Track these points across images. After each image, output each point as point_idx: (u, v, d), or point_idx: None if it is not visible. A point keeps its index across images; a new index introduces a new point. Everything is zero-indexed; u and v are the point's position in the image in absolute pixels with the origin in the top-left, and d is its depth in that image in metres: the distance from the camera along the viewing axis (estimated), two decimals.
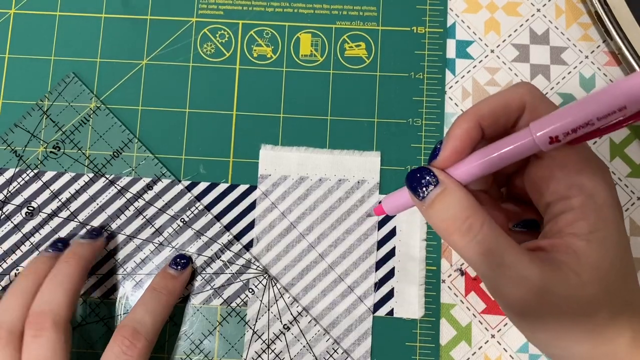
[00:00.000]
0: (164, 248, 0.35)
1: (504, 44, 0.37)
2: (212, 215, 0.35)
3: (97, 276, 0.34)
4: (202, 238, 0.34)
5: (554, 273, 0.23)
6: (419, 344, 0.34)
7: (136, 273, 0.34)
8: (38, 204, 0.35)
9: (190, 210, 0.35)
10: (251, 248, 0.35)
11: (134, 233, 0.35)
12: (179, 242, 0.35)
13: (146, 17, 0.38)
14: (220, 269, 0.34)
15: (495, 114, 0.25)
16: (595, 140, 0.36)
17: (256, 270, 0.34)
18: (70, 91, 0.36)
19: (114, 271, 0.34)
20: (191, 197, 0.35)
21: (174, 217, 0.35)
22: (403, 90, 0.36)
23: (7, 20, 0.38)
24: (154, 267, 0.34)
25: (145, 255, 0.34)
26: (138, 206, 0.35)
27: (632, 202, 0.35)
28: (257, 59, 0.37)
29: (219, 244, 0.34)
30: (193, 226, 0.35)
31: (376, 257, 0.35)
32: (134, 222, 0.35)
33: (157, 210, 0.35)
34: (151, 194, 0.35)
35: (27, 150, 0.36)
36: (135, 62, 0.37)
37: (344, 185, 0.35)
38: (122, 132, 0.36)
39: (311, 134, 0.36)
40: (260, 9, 0.38)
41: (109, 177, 0.35)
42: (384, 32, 0.37)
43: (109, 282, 0.34)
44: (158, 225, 0.35)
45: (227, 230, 0.35)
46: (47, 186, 0.35)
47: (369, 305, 0.34)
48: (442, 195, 0.24)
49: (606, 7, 0.35)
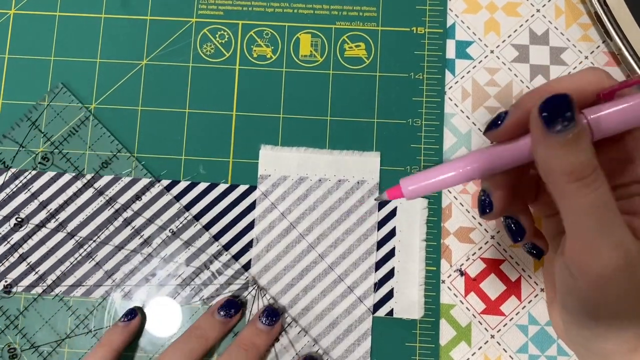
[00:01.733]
0: (152, 258, 0.34)
1: (503, 45, 0.37)
2: (201, 224, 0.35)
3: (85, 287, 0.34)
4: (190, 248, 0.34)
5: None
6: (418, 345, 0.34)
7: (125, 284, 0.34)
8: (26, 214, 0.35)
9: (179, 221, 0.35)
10: (242, 256, 0.35)
11: (122, 243, 0.35)
12: (167, 252, 0.34)
13: (146, 17, 0.38)
14: (209, 279, 0.34)
15: (569, 89, 0.23)
16: None
17: (245, 280, 0.34)
18: (60, 102, 0.36)
19: (101, 282, 0.34)
20: (180, 206, 0.35)
21: (162, 227, 0.34)
22: (403, 91, 0.36)
23: (7, 21, 0.38)
24: (141, 277, 0.34)
25: (134, 266, 0.34)
26: (126, 216, 0.35)
27: None
28: (257, 60, 0.37)
29: (207, 254, 0.34)
30: (181, 236, 0.34)
31: (376, 258, 0.35)
32: (122, 232, 0.35)
33: (146, 220, 0.35)
34: (139, 204, 0.35)
35: (16, 160, 0.36)
36: (135, 62, 0.37)
37: (344, 185, 0.35)
38: (111, 143, 0.36)
39: (311, 134, 0.36)
40: (260, 10, 0.38)
41: (98, 187, 0.35)
42: (384, 33, 0.37)
43: (96, 292, 0.34)
44: (147, 235, 0.35)
45: (227, 230, 0.35)
46: (36, 196, 0.35)
47: (368, 305, 0.34)
48: (579, 137, 0.21)
49: (606, 8, 0.35)
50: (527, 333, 0.34)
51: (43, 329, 0.34)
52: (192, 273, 0.34)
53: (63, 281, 0.34)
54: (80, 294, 0.34)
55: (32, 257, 0.35)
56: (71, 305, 0.34)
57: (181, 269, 0.34)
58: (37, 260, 0.35)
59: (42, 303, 0.34)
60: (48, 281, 0.34)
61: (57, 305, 0.34)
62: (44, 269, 0.34)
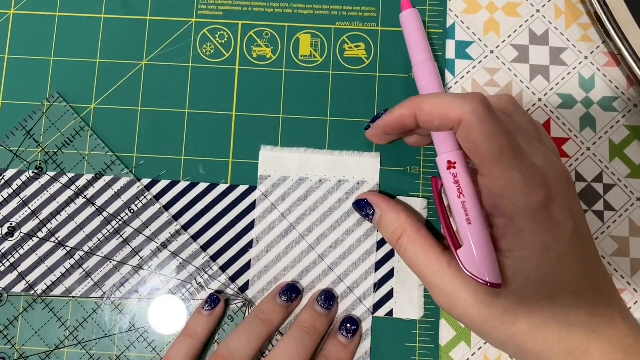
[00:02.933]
0: (140, 270, 0.34)
1: (503, 45, 0.37)
2: (190, 234, 0.35)
3: (76, 300, 0.34)
4: (177, 259, 0.34)
5: (465, 280, 0.28)
6: (418, 345, 0.34)
7: (115, 296, 0.34)
8: (17, 222, 0.35)
9: (167, 231, 0.35)
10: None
11: (111, 254, 0.34)
12: (153, 263, 0.34)
13: (146, 17, 0.38)
14: (198, 291, 0.34)
15: (431, 115, 0.27)
16: (594, 141, 0.36)
17: (234, 294, 0.34)
18: (55, 111, 0.36)
19: (90, 293, 0.34)
20: (169, 216, 0.35)
21: (150, 238, 0.34)
22: (403, 91, 0.36)
23: (7, 21, 0.38)
24: (130, 288, 0.34)
25: (122, 276, 0.34)
26: (116, 226, 0.35)
27: (632, 203, 0.35)
28: (256, 60, 0.37)
29: (194, 266, 0.34)
30: (169, 247, 0.34)
31: (376, 258, 0.35)
32: (111, 241, 0.35)
33: (134, 230, 0.34)
34: (129, 213, 0.35)
35: (9, 169, 0.35)
36: (135, 62, 0.37)
37: (344, 186, 0.35)
38: (105, 154, 0.35)
39: (311, 134, 0.36)
40: (259, 10, 0.38)
41: (88, 196, 0.35)
42: (384, 33, 0.37)
43: (87, 306, 0.34)
44: (134, 245, 0.34)
45: (227, 231, 0.35)
46: (26, 204, 0.35)
47: (368, 305, 0.34)
48: (381, 220, 0.32)
49: (605, 8, 0.35)
50: None
51: (33, 339, 0.34)
52: (180, 285, 0.34)
53: (52, 291, 0.34)
54: (68, 304, 0.34)
55: (22, 266, 0.34)
56: (61, 317, 0.34)
57: (170, 282, 0.34)
58: (27, 269, 0.34)
59: (32, 313, 0.34)
60: (38, 291, 0.34)
61: (47, 316, 0.34)
62: (34, 277, 0.34)
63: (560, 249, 0.26)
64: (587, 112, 0.36)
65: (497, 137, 0.25)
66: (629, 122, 0.36)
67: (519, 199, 0.26)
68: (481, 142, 0.25)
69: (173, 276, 0.34)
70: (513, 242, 0.26)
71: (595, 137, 0.36)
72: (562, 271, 0.26)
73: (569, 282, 0.26)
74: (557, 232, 0.26)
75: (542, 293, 0.26)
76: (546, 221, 0.26)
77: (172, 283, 0.34)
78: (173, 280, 0.34)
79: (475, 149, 0.26)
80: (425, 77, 0.31)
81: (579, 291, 0.26)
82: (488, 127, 0.25)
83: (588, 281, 0.27)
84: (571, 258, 0.26)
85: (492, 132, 0.25)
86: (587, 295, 0.26)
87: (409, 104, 0.28)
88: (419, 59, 0.32)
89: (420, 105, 0.28)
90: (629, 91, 0.36)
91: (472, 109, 0.25)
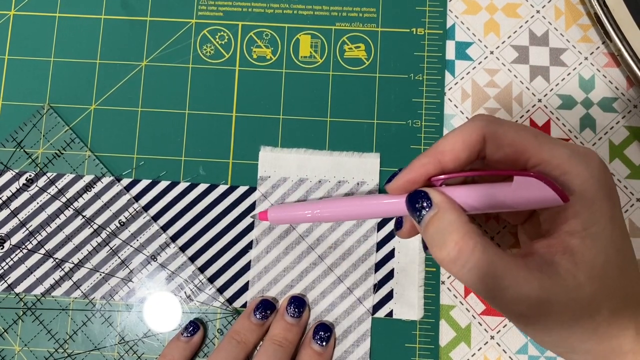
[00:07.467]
0: (129, 281, 0.34)
1: (503, 46, 0.37)
2: (177, 246, 0.35)
3: (65, 312, 0.34)
4: (165, 270, 0.34)
5: (552, 280, 0.23)
6: (418, 346, 0.34)
7: (104, 309, 0.34)
8: (5, 232, 0.35)
9: (156, 242, 0.34)
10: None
11: (99, 265, 0.34)
12: (142, 274, 0.34)
13: (146, 18, 0.38)
14: (186, 301, 0.34)
15: (455, 151, 0.26)
16: (594, 142, 0.36)
17: (223, 307, 0.34)
18: (46, 123, 0.36)
19: (79, 305, 0.34)
20: (157, 227, 0.35)
21: (138, 249, 0.34)
22: (402, 92, 0.36)
23: (7, 22, 0.38)
24: (119, 298, 0.34)
25: (111, 287, 0.34)
26: (104, 236, 0.35)
27: (632, 204, 0.35)
28: (256, 61, 0.37)
29: (182, 277, 0.34)
30: (158, 259, 0.34)
31: (375, 259, 0.35)
32: (100, 252, 0.34)
33: (122, 241, 0.34)
34: (117, 224, 0.35)
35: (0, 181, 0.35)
36: (135, 63, 0.37)
37: (344, 186, 0.35)
38: (95, 167, 0.35)
39: (311, 135, 0.36)
40: (259, 11, 0.38)
41: (77, 207, 0.35)
42: (384, 34, 0.37)
43: (77, 317, 0.34)
44: (124, 257, 0.34)
45: (227, 231, 0.35)
46: (15, 214, 0.35)
47: (368, 306, 0.34)
48: (435, 218, 0.25)
49: (605, 9, 0.35)
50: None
51: (22, 352, 0.34)
52: (170, 297, 0.34)
53: (42, 302, 0.34)
54: (59, 317, 0.34)
55: (11, 277, 0.34)
56: (50, 329, 0.34)
57: (159, 294, 0.34)
58: (16, 280, 0.34)
59: (22, 325, 0.34)
60: (29, 304, 0.34)
61: (37, 329, 0.34)
62: (23, 288, 0.34)
63: (620, 219, 0.25)
64: (587, 113, 0.36)
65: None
66: (629, 123, 0.36)
67: (583, 167, 0.25)
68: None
69: (162, 288, 0.34)
70: (587, 217, 0.24)
71: (595, 138, 0.36)
72: (626, 244, 0.25)
73: (632, 256, 0.25)
74: (616, 200, 0.25)
75: (617, 270, 0.24)
76: (608, 190, 0.25)
77: (161, 295, 0.34)
78: (163, 292, 0.34)
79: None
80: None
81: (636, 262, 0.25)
82: (508, 125, 0.26)
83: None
84: (625, 230, 0.25)
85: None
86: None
87: (426, 153, 0.27)
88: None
89: (439, 148, 0.27)
90: (628, 92, 0.36)
91: (484, 120, 0.26)
